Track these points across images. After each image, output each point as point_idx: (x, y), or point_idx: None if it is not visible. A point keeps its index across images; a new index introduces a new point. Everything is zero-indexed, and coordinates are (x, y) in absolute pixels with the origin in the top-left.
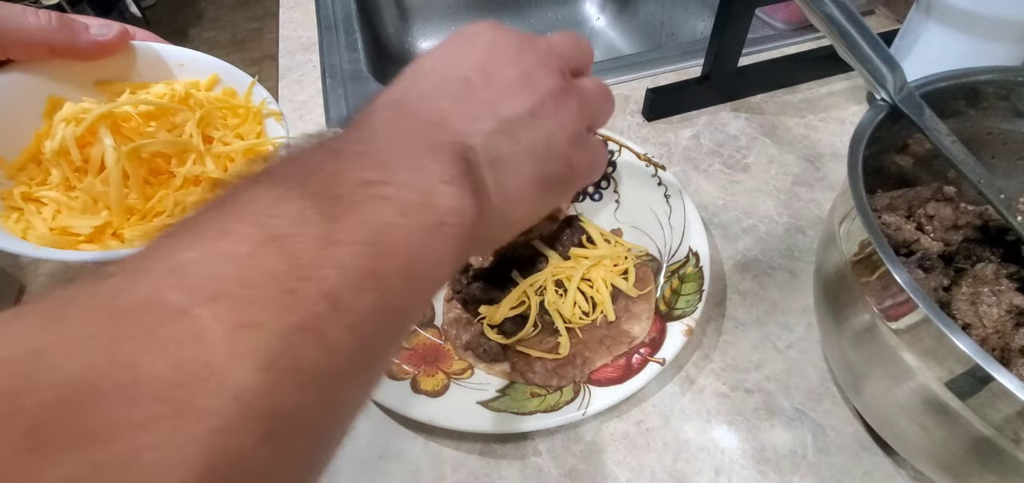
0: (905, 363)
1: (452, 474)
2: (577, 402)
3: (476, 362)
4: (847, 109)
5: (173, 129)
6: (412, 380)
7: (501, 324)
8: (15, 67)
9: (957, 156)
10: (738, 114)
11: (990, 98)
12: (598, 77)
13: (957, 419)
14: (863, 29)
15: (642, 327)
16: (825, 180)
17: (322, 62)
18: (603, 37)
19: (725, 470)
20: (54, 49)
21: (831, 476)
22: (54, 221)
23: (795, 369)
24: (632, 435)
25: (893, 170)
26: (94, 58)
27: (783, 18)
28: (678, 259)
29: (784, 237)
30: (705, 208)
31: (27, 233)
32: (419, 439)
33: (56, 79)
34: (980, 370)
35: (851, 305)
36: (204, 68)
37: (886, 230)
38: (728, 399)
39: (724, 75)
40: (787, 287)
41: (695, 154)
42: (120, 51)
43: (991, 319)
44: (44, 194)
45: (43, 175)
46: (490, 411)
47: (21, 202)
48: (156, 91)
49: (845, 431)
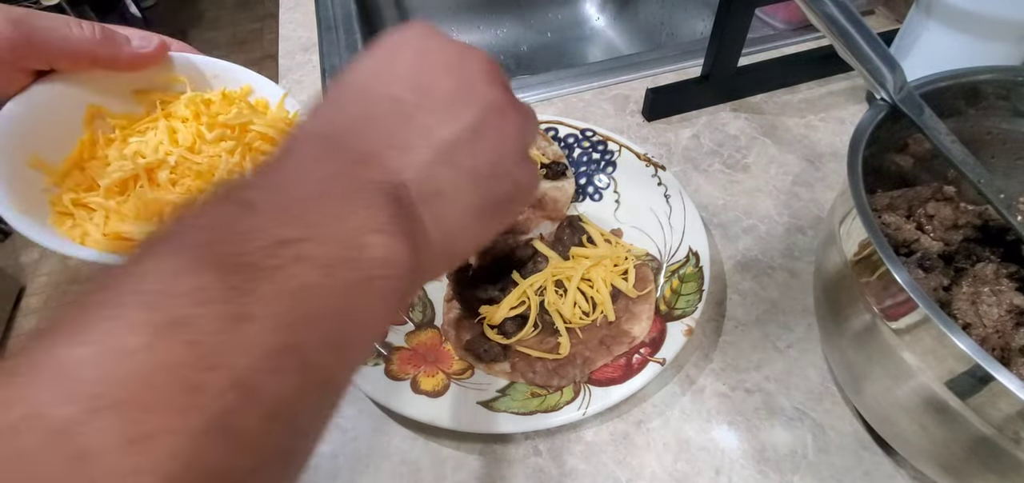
0: (905, 363)
1: (452, 474)
2: (577, 402)
3: (476, 362)
4: (847, 109)
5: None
6: (412, 380)
7: (501, 324)
8: (57, 77)
9: (957, 156)
10: (738, 114)
11: (990, 98)
12: (593, 79)
13: (957, 419)
14: (863, 29)
15: (642, 327)
16: (825, 180)
17: (322, 62)
18: (603, 37)
19: (725, 470)
20: (97, 60)
21: (831, 476)
22: (106, 226)
23: (795, 369)
24: (632, 435)
25: (893, 170)
26: (134, 69)
27: (783, 18)
28: (678, 259)
29: (784, 237)
30: (705, 208)
31: (85, 240)
32: (419, 439)
33: (96, 88)
34: (980, 370)
35: (851, 305)
36: (237, 79)
37: (886, 230)
38: (728, 399)
39: (724, 75)
40: (787, 287)
41: (695, 154)
42: (159, 62)
43: (991, 319)
44: (92, 200)
45: (88, 182)
46: (490, 411)
47: (71, 208)
48: (187, 98)
49: (845, 431)
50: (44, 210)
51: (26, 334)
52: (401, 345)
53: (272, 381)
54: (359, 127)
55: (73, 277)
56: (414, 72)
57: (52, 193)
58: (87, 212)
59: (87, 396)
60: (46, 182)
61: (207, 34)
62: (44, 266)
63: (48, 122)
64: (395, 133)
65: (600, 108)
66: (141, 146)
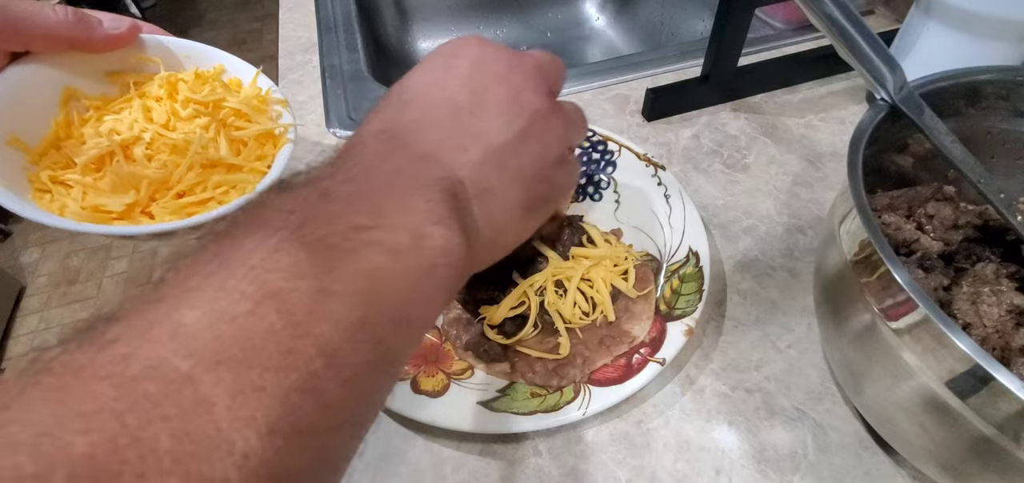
0: (905, 363)
1: (453, 474)
2: (577, 402)
3: (476, 362)
4: (847, 109)
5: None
6: (412, 380)
7: (501, 324)
8: (33, 59)
9: (957, 156)
10: (738, 114)
11: (990, 98)
12: (593, 79)
13: (957, 419)
14: (863, 29)
15: (642, 327)
16: (825, 180)
17: (322, 62)
18: (603, 37)
19: (725, 470)
20: (72, 42)
21: (831, 476)
22: (85, 201)
23: (795, 369)
24: (632, 435)
25: (893, 170)
26: (107, 50)
27: (783, 18)
28: (678, 259)
29: (784, 237)
30: (705, 208)
31: (64, 211)
32: (419, 439)
33: (71, 70)
34: (980, 370)
35: (851, 305)
36: (210, 59)
37: (886, 230)
38: (728, 399)
39: (724, 75)
40: (787, 287)
41: (695, 154)
42: (131, 43)
43: (991, 319)
44: (69, 177)
45: (65, 160)
46: (490, 411)
47: (50, 184)
48: (161, 77)
49: (845, 431)
50: (24, 187)
51: (123, 298)
52: None
53: (350, 351)
54: (419, 127)
55: (73, 278)
56: (469, 79)
57: (30, 171)
58: (65, 188)
59: (204, 353)
60: (25, 161)
61: (207, 34)
62: (44, 266)
63: (25, 103)
64: (452, 134)
65: (600, 108)
66: (116, 124)
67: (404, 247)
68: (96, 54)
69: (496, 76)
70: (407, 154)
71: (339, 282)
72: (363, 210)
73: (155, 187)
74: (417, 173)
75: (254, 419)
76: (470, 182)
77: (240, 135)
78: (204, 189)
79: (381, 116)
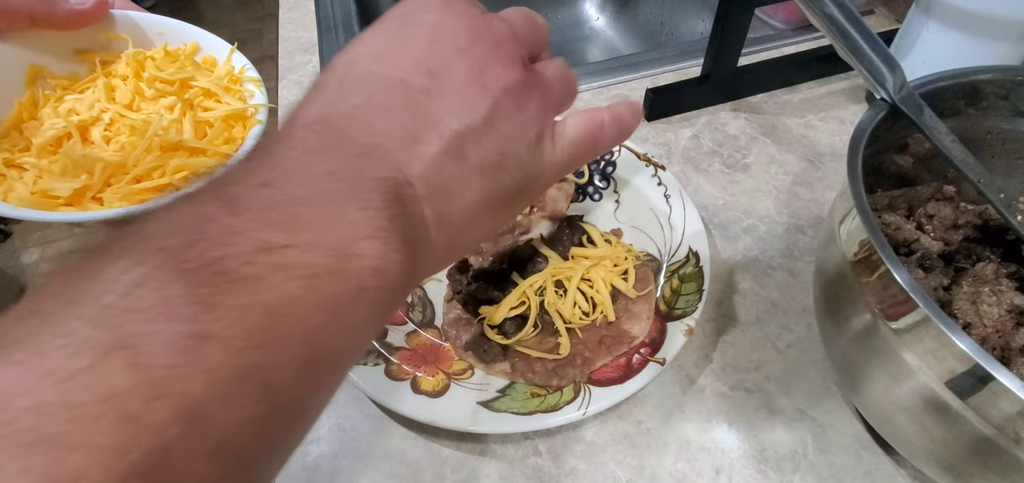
0: (905, 363)
1: (452, 474)
2: (577, 402)
3: (476, 362)
4: (847, 109)
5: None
6: (412, 380)
7: (501, 324)
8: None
9: (957, 156)
10: (738, 114)
11: (990, 98)
12: (593, 79)
13: (957, 418)
14: (863, 29)
15: (642, 327)
16: (825, 180)
17: (322, 63)
18: (602, 37)
19: (725, 470)
20: (34, 19)
21: (831, 476)
22: (35, 185)
23: (795, 369)
24: (632, 435)
25: (893, 170)
26: (73, 27)
27: (783, 18)
28: (678, 259)
29: (784, 237)
30: (705, 208)
31: (8, 196)
32: (419, 439)
33: (36, 49)
34: (980, 369)
35: (851, 305)
36: (183, 36)
37: (886, 230)
38: (728, 399)
39: (724, 75)
40: (787, 287)
41: (695, 154)
42: (99, 20)
43: (991, 318)
44: (25, 160)
45: (25, 142)
46: (490, 411)
47: (3, 168)
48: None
49: (845, 431)
50: None
51: None
52: (401, 345)
53: (222, 410)
54: (364, 116)
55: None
56: (426, 52)
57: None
58: (19, 172)
59: (15, 432)
60: None
61: None
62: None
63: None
64: (402, 121)
65: None
66: (76, 104)
67: (322, 270)
68: (62, 31)
69: (458, 49)
70: (344, 150)
71: (222, 321)
72: (276, 224)
73: (111, 171)
74: (354, 174)
75: None
76: (421, 181)
77: (207, 116)
78: (162, 174)
79: (319, 101)
